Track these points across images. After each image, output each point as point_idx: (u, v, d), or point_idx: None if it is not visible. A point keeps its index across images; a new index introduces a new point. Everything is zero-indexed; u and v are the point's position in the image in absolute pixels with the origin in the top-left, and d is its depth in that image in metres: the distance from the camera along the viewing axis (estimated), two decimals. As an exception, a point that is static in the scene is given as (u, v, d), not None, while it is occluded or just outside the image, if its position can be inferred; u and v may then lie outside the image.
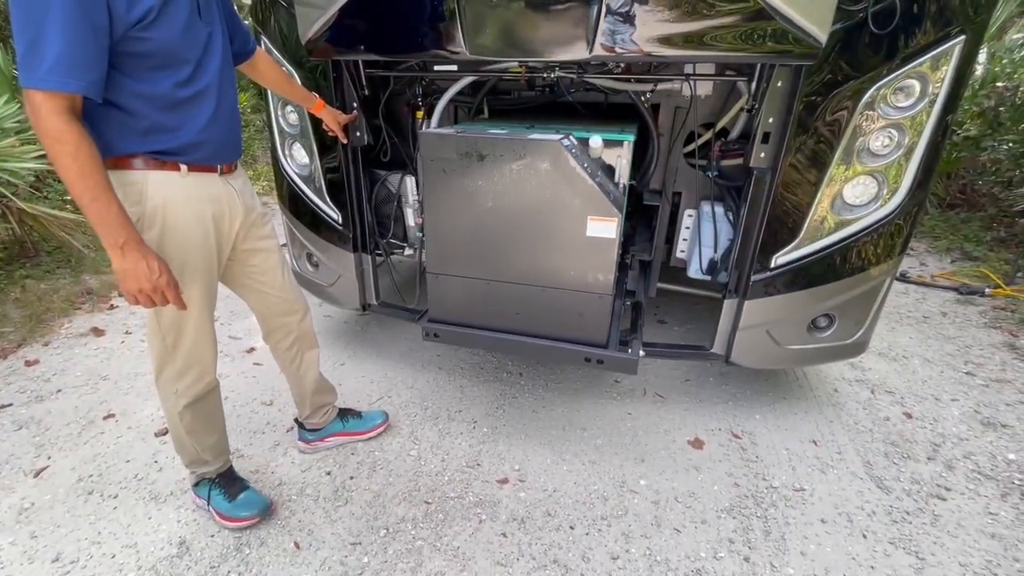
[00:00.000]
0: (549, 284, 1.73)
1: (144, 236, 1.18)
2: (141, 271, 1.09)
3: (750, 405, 2.19)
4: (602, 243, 1.62)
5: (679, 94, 1.98)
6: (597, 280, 1.69)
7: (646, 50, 1.43)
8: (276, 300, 1.58)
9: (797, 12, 1.31)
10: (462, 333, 1.89)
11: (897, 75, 1.54)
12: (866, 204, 1.74)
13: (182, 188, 1.21)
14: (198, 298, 1.30)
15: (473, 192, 1.66)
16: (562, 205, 1.60)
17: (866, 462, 1.86)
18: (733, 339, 1.93)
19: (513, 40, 1.51)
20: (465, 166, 1.63)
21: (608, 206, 1.59)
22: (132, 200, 1.16)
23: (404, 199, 2.29)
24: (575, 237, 1.63)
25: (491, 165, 1.60)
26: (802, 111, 1.57)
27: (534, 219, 1.65)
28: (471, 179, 1.64)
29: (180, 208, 1.21)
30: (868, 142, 1.64)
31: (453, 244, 1.77)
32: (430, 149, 1.64)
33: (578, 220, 1.61)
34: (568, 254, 1.67)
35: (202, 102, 1.20)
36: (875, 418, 2.10)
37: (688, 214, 2.18)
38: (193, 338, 1.34)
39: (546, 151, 1.56)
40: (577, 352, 1.78)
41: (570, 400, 2.21)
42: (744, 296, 1.84)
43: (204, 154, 1.24)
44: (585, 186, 1.58)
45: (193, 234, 1.25)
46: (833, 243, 1.75)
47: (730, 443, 1.96)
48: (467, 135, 1.59)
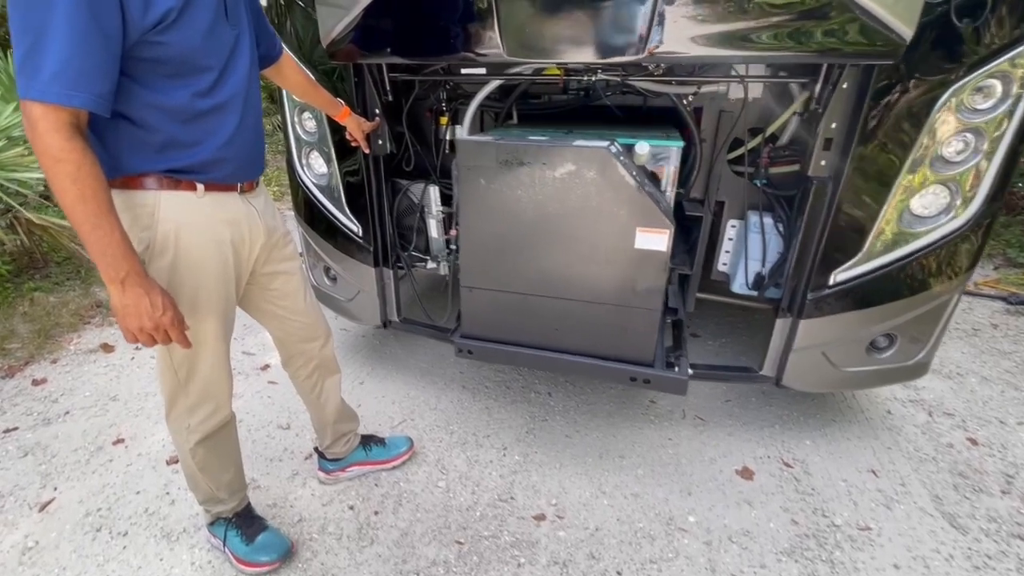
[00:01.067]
0: (592, 299, 1.64)
1: (153, 264, 1.06)
2: (143, 308, 0.96)
3: (799, 429, 2.04)
4: (651, 256, 1.52)
5: (724, 97, 1.84)
6: (645, 295, 1.59)
7: (706, 50, 1.30)
8: (298, 326, 1.46)
9: (882, 6, 1.17)
10: (498, 350, 1.79)
11: (978, 74, 1.39)
12: (936, 215, 1.59)
13: (198, 210, 1.08)
14: (213, 329, 1.18)
15: (513, 202, 1.57)
16: (609, 215, 1.51)
17: (934, 496, 1.70)
18: (786, 361, 1.78)
19: (556, 40, 1.38)
20: (505, 175, 1.54)
21: (659, 217, 1.49)
22: (142, 224, 1.04)
23: (427, 210, 2.17)
24: (622, 249, 1.53)
25: (533, 174, 1.51)
26: (871, 115, 1.43)
27: (578, 230, 1.56)
28: (511, 188, 1.55)
29: (196, 232, 1.09)
30: (942, 148, 1.49)
31: (490, 257, 1.68)
32: (468, 157, 1.54)
33: (626, 231, 1.51)
34: (614, 267, 1.57)
35: (225, 115, 1.07)
36: (937, 444, 1.95)
37: (732, 225, 2.03)
38: (208, 371, 1.22)
39: (593, 159, 1.46)
40: (622, 371, 1.68)
41: (604, 424, 2.07)
42: (799, 315, 1.70)
43: (224, 172, 1.11)
44: (634, 195, 1.48)
45: (209, 261, 1.12)
46: (899, 258, 1.61)
47: (782, 473, 1.81)
48: (508, 142, 1.50)
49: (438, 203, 2.15)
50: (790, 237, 1.83)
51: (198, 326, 1.15)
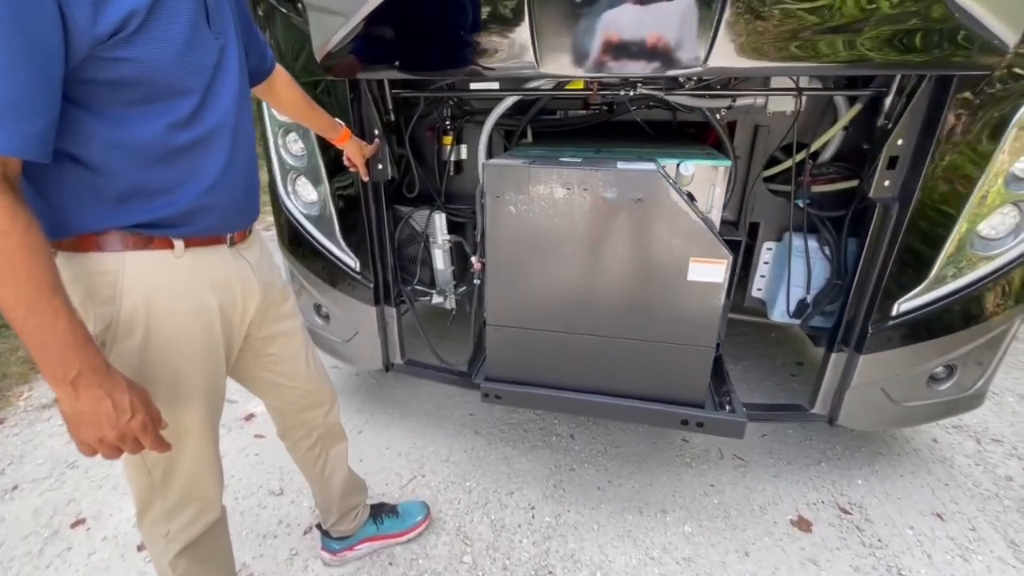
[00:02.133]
0: (638, 336, 1.48)
1: (117, 348, 0.82)
2: (103, 415, 0.71)
3: (847, 466, 1.88)
4: (707, 288, 1.37)
5: (760, 110, 1.68)
6: (698, 331, 1.43)
7: (777, 61, 1.13)
8: (299, 393, 1.22)
9: (987, 9, 1.02)
10: (530, 394, 1.61)
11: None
12: (1004, 238, 1.45)
13: (176, 273, 0.85)
14: (197, 419, 0.94)
15: (547, 232, 1.40)
16: (658, 245, 1.36)
17: (1010, 542, 1.56)
18: (841, 399, 1.62)
19: (601, 51, 1.19)
20: (538, 202, 1.37)
21: (716, 246, 1.33)
22: (101, 297, 0.80)
23: (432, 239, 1.95)
24: (673, 282, 1.38)
25: (571, 200, 1.35)
26: (945, 131, 1.28)
27: (622, 262, 1.40)
28: (546, 217, 1.38)
29: (173, 302, 0.85)
30: (1016, 165, 1.36)
31: (520, 292, 1.51)
32: (497, 183, 1.37)
33: (678, 262, 1.36)
34: (664, 301, 1.42)
35: (209, 150, 0.83)
36: (995, 477, 1.81)
37: (768, 248, 1.87)
38: (191, 469, 0.97)
39: (642, 183, 1.29)
40: (673, 414, 1.52)
41: (637, 470, 1.88)
42: (859, 349, 1.54)
43: (210, 223, 0.88)
44: (688, 223, 1.32)
45: (192, 337, 0.89)
46: (966, 285, 1.47)
47: (840, 521, 1.65)
48: (543, 166, 1.32)
49: (444, 231, 1.93)
50: (838, 262, 1.68)
51: (179, 417, 0.91)
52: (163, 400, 0.87)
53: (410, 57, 1.34)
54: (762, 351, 2.66)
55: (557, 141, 1.86)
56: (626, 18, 1.13)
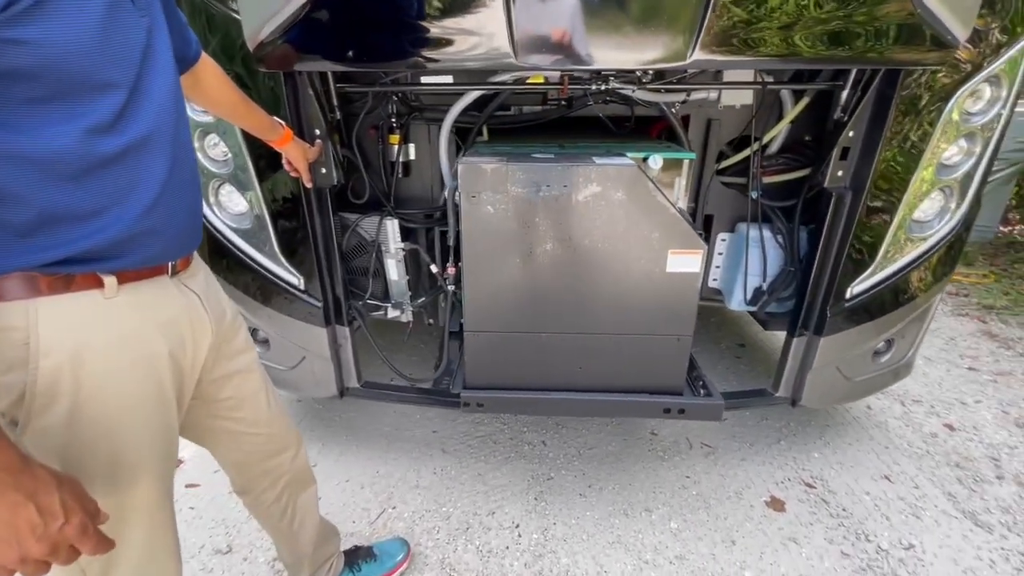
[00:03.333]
0: (619, 330, 1.50)
1: (32, 426, 0.64)
2: (24, 526, 0.52)
3: (802, 442, 1.99)
4: (684, 279, 1.42)
5: (712, 104, 1.70)
6: (677, 321, 1.48)
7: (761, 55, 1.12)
8: (261, 439, 1.04)
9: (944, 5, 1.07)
10: (514, 399, 1.58)
11: (978, 78, 1.38)
12: (932, 220, 1.59)
13: (109, 320, 0.68)
14: (148, 497, 0.75)
15: (527, 231, 1.37)
16: (638, 239, 1.38)
17: (948, 494, 1.72)
18: (803, 380, 1.70)
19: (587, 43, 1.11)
20: (516, 201, 1.33)
21: (692, 237, 1.38)
22: (7, 362, 0.60)
23: (384, 248, 1.78)
24: (653, 275, 1.41)
25: (550, 198, 1.33)
26: (892, 123, 1.36)
27: (603, 258, 1.40)
28: (525, 216, 1.35)
29: (109, 359, 0.67)
30: (945, 153, 1.48)
31: (500, 295, 1.46)
32: (473, 183, 1.31)
33: (657, 255, 1.39)
34: (644, 295, 1.44)
35: (145, 159, 0.67)
36: (923, 435, 2.01)
37: (722, 239, 1.92)
38: (142, 558, 0.77)
39: (621, 178, 1.29)
40: (655, 404, 1.55)
41: (615, 470, 1.86)
42: (819, 332, 1.61)
43: (150, 251, 0.71)
44: (666, 216, 1.34)
45: (136, 401, 0.71)
46: (905, 265, 1.59)
47: (808, 496, 1.73)
48: (520, 163, 1.28)
49: (397, 239, 1.77)
50: (791, 249, 1.76)
51: (122, 500, 0.72)
52: (100, 483, 0.68)
53: (363, 47, 1.18)
54: (706, 336, 2.77)
55: (514, 138, 1.77)
56: (613, 7, 1.07)
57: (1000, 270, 3.44)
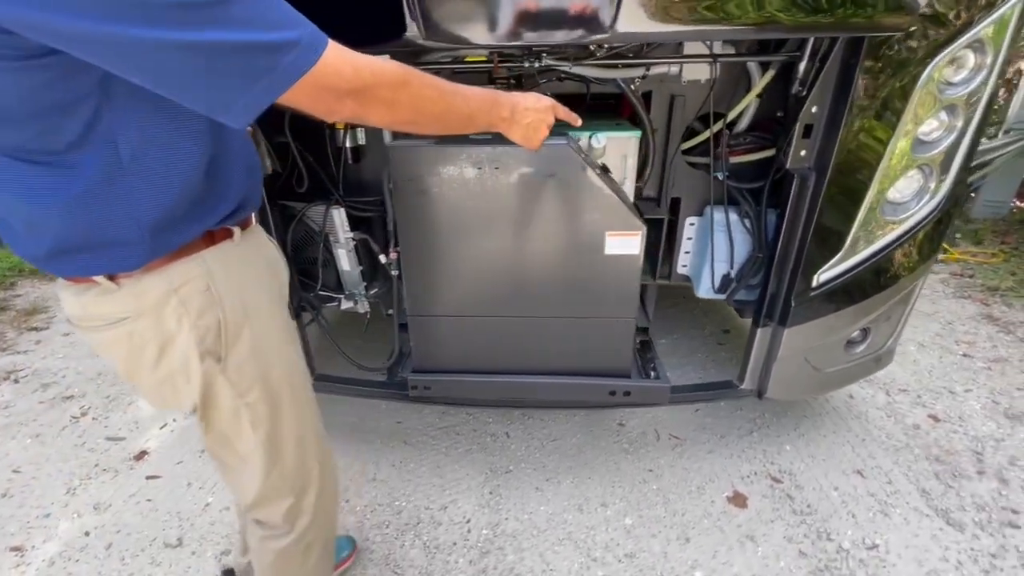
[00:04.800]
0: (561, 313, 1.49)
1: (231, 359, 0.81)
2: (535, 110, 0.93)
3: (775, 433, 1.91)
4: (623, 261, 1.40)
5: (674, 79, 1.58)
6: (618, 303, 1.47)
7: (686, 24, 1.01)
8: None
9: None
10: (461, 382, 1.60)
11: (957, 44, 1.25)
12: (910, 201, 1.47)
13: (243, 261, 0.83)
14: (308, 397, 0.98)
15: (462, 214, 1.36)
16: (574, 221, 1.35)
17: (922, 491, 1.64)
18: (768, 372, 1.61)
19: (495, 18, 1.02)
20: (449, 184, 1.31)
21: (629, 218, 1.34)
22: (197, 305, 0.76)
23: (333, 238, 1.73)
24: (591, 257, 1.39)
25: (483, 180, 1.31)
26: (858, 96, 1.24)
27: (541, 240, 1.38)
28: (458, 199, 1.34)
29: (257, 292, 0.85)
30: (921, 129, 1.35)
31: (440, 279, 1.47)
32: (404, 166, 1.30)
33: (594, 237, 1.36)
34: (584, 277, 1.43)
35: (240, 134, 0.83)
36: (904, 427, 1.91)
37: (690, 223, 1.82)
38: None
39: (553, 158, 1.25)
40: (600, 386, 1.57)
41: (575, 462, 1.81)
42: (783, 323, 1.52)
43: (249, 205, 0.85)
44: (601, 196, 1.30)
45: (281, 323, 0.90)
46: (879, 250, 1.48)
47: (773, 491, 1.67)
48: (450, 146, 1.27)
49: (346, 228, 1.71)
50: (759, 234, 1.66)
51: (303, 418, 0.94)
52: (288, 392, 0.89)
53: None
54: (691, 321, 2.68)
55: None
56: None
57: (1011, 248, 3.26)
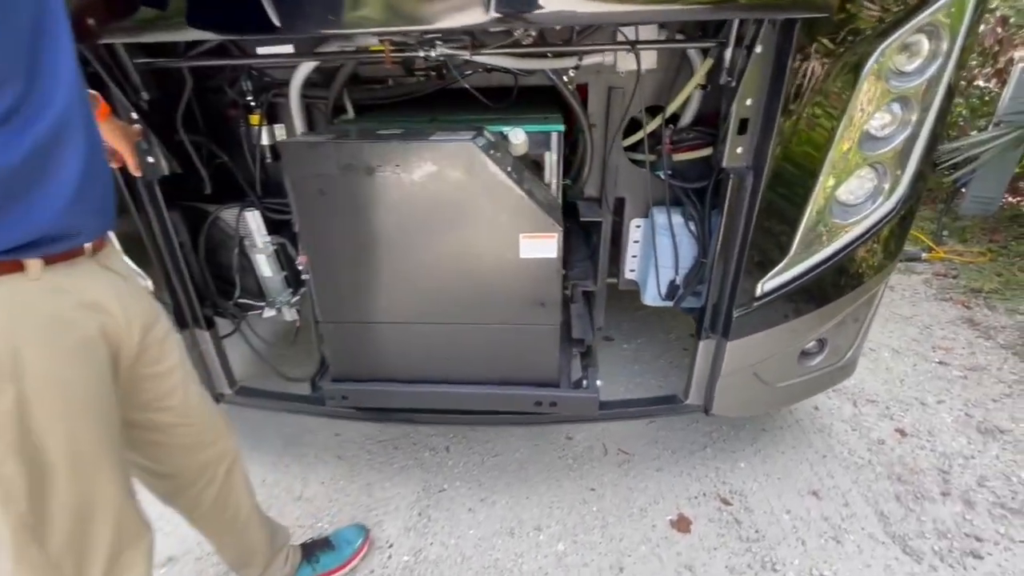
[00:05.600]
0: (481, 320, 1.39)
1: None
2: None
3: (731, 448, 1.80)
4: (541, 264, 1.29)
5: (612, 70, 1.46)
6: (540, 310, 1.35)
7: (575, 7, 0.89)
8: (194, 430, 1.00)
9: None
10: (378, 391, 1.49)
11: (906, 28, 1.12)
12: (863, 203, 1.34)
13: (34, 303, 0.67)
14: (113, 489, 0.77)
15: (367, 215, 1.25)
16: (485, 222, 1.24)
17: (880, 514, 1.52)
18: (713, 387, 1.50)
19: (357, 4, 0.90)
20: (351, 183, 1.21)
21: (543, 218, 1.23)
22: None
23: (250, 242, 1.62)
24: (507, 260, 1.28)
25: (386, 179, 1.20)
26: (794, 87, 1.12)
27: (453, 244, 1.28)
28: (361, 199, 1.23)
29: (42, 344, 0.67)
30: (869, 123, 1.23)
31: (351, 283, 1.36)
32: (299, 164, 1.20)
33: (508, 239, 1.26)
34: (501, 282, 1.32)
35: (61, 146, 0.66)
36: (869, 442, 1.79)
37: (636, 225, 1.70)
38: (112, 551, 0.78)
39: (457, 155, 1.15)
40: (525, 396, 1.46)
41: (515, 480, 1.70)
42: (726, 335, 1.40)
43: (69, 239, 0.70)
44: (512, 196, 1.20)
45: (80, 388, 0.71)
46: (830, 256, 1.35)
47: (720, 515, 1.55)
48: (347, 142, 1.17)
49: (263, 232, 1.60)
50: (703, 238, 1.53)
51: (89, 492, 0.74)
52: (64, 475, 0.71)
53: (111, 10, 0.98)
54: (658, 325, 2.56)
55: (389, 113, 1.57)
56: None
57: (999, 247, 3.12)
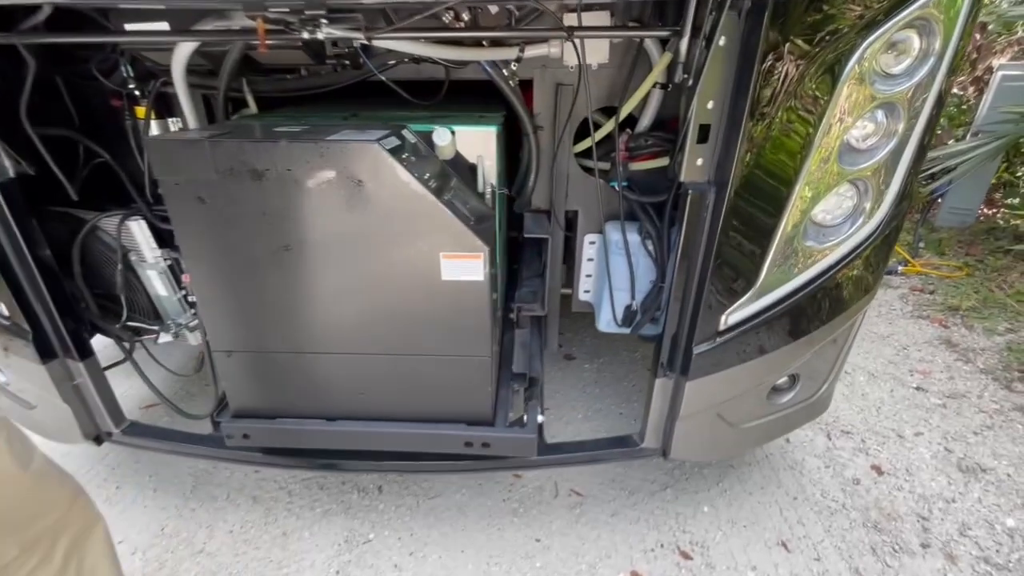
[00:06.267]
0: (402, 351, 1.22)
1: None
2: None
3: (694, 489, 1.62)
4: (466, 288, 1.12)
5: (560, 64, 1.26)
6: (468, 340, 1.20)
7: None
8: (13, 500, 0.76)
9: None
10: (285, 430, 1.30)
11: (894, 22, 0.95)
12: (841, 224, 1.17)
13: None
14: None
15: (256, 228, 1.06)
16: (399, 238, 1.07)
17: (855, 571, 1.36)
18: (672, 430, 1.31)
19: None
20: (234, 189, 1.02)
21: (466, 236, 1.07)
22: None
23: (139, 256, 1.38)
24: (427, 283, 1.12)
25: (276, 185, 1.01)
26: (763, 89, 0.93)
27: (362, 262, 1.10)
28: (248, 208, 1.04)
29: None
30: (850, 133, 1.05)
31: (241, 307, 1.17)
32: (171, 167, 1.01)
33: (427, 259, 1.09)
34: (421, 308, 1.15)
35: None
36: (843, 481, 1.63)
37: (590, 241, 1.51)
38: None
39: (358, 159, 0.98)
40: (454, 436, 1.29)
41: (452, 529, 1.50)
42: (685, 374, 1.22)
43: None
44: (428, 208, 1.02)
45: None
46: (803, 284, 1.18)
47: (679, 571, 1.37)
48: (226, 140, 0.99)
49: (152, 244, 1.37)
50: (662, 258, 1.35)
51: None
52: None
53: None
54: (623, 343, 2.38)
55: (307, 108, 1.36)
56: None
57: (976, 260, 3.02)
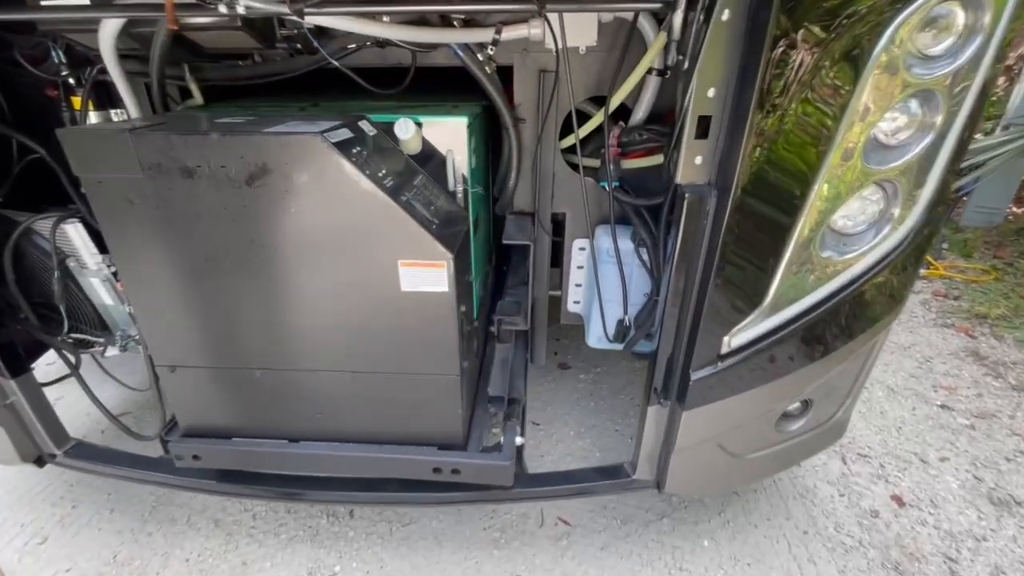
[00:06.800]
0: (362, 368, 1.10)
1: None
2: None
3: (693, 516, 1.48)
4: (429, 300, 1.00)
5: (543, 47, 1.11)
6: (432, 356, 1.08)
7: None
8: None
9: None
10: (238, 451, 1.20)
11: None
12: (864, 232, 1.01)
13: None
14: None
15: (192, 231, 0.95)
16: (351, 244, 0.95)
17: (873, 622, 1.21)
18: (667, 462, 1.17)
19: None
20: (164, 188, 0.92)
21: (427, 241, 0.94)
22: None
23: (79, 262, 1.26)
24: (385, 294, 1.00)
25: (210, 183, 0.90)
26: (771, 73, 0.77)
27: (312, 270, 0.99)
28: (181, 209, 0.93)
29: None
30: (878, 126, 0.89)
31: (181, 317, 1.06)
32: (89, 162, 0.91)
33: (384, 267, 0.97)
34: (381, 321, 1.04)
35: None
36: (860, 513, 1.48)
37: (580, 247, 1.36)
38: None
39: (299, 154, 0.87)
40: (420, 461, 1.18)
41: (425, 561, 1.37)
42: (681, 402, 1.07)
43: None
44: (381, 210, 0.91)
45: None
46: (820, 301, 1.02)
47: (674, 617, 1.23)
48: (147, 133, 0.87)
49: (92, 248, 1.24)
50: (657, 268, 1.20)
51: None
52: None
53: None
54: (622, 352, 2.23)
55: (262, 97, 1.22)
56: None
57: (1004, 264, 2.82)
